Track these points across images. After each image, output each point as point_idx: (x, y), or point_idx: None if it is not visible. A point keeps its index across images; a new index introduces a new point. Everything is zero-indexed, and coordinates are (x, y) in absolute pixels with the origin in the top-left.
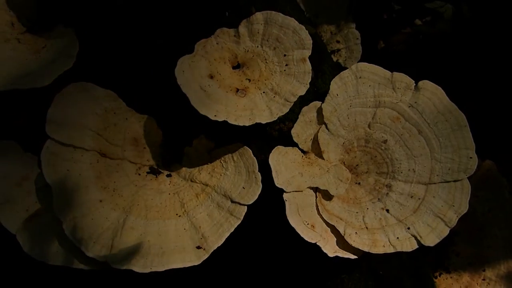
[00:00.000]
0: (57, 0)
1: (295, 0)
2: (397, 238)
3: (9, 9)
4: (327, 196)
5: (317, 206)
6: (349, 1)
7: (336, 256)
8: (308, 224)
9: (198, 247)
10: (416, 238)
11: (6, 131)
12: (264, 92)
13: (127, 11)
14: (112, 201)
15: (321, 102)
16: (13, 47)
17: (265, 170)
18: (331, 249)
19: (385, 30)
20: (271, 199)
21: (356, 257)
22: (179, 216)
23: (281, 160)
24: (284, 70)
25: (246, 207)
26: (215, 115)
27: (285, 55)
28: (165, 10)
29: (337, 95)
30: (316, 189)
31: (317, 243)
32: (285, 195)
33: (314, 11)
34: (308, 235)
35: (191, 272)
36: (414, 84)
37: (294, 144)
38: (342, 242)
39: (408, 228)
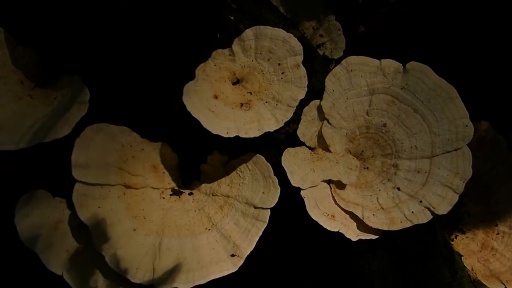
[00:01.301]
0: (58, 54)
1: (277, 8)
2: (412, 212)
3: (17, 69)
4: (341, 185)
5: (333, 196)
6: None
7: (359, 239)
8: (328, 215)
9: (233, 255)
10: (429, 209)
11: (30, 180)
12: (266, 102)
13: (126, 49)
14: (144, 228)
15: (319, 100)
16: (27, 103)
17: (279, 172)
18: (353, 233)
19: (363, 14)
20: (290, 198)
21: (377, 236)
22: (209, 229)
23: (293, 160)
24: (281, 78)
25: (269, 210)
26: (227, 132)
27: (279, 64)
28: (163, 43)
29: (333, 90)
30: (329, 181)
31: (340, 231)
32: (302, 192)
33: (293, 11)
34: (330, 225)
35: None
36: (403, 67)
37: (301, 144)
38: (362, 225)
39: (421, 201)
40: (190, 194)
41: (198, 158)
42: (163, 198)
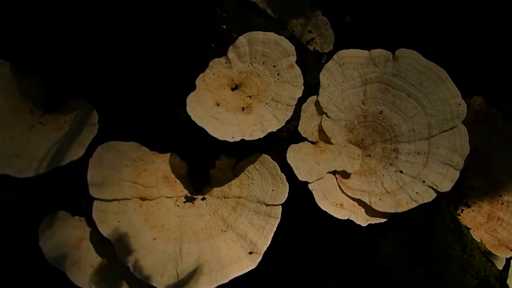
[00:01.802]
0: (63, 78)
1: (265, 12)
2: (417, 193)
3: (25, 99)
4: (346, 175)
5: (339, 186)
6: None
7: (369, 224)
8: (337, 204)
9: (251, 253)
10: (432, 188)
11: (49, 201)
12: (266, 104)
13: (128, 67)
14: (163, 236)
15: (316, 96)
16: (39, 130)
17: (285, 169)
18: (363, 219)
19: (348, 5)
20: (299, 192)
21: (386, 219)
22: (225, 231)
23: (297, 156)
24: (278, 79)
25: (280, 206)
26: (232, 137)
27: (274, 66)
28: (163, 58)
29: (328, 85)
30: (334, 172)
31: (350, 218)
32: (310, 186)
33: (280, 11)
34: (340, 214)
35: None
36: (392, 55)
37: (304, 139)
38: (370, 211)
39: (424, 181)
40: (202, 199)
41: (207, 164)
42: (178, 205)
